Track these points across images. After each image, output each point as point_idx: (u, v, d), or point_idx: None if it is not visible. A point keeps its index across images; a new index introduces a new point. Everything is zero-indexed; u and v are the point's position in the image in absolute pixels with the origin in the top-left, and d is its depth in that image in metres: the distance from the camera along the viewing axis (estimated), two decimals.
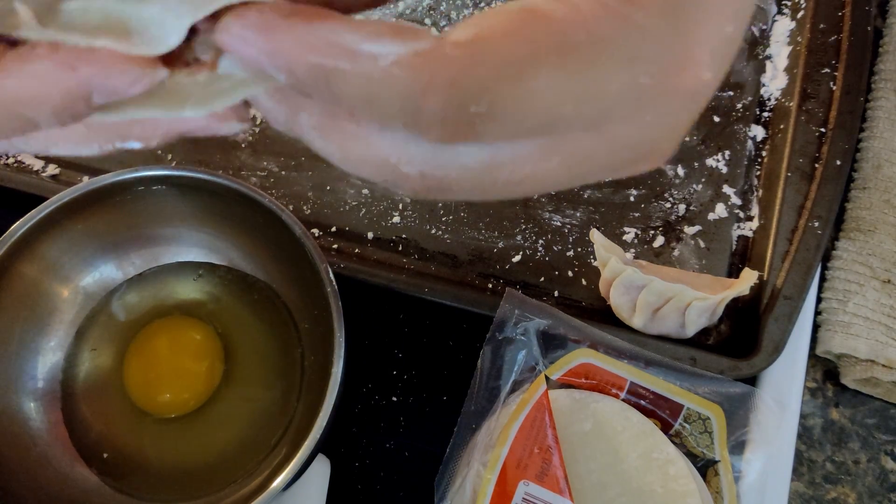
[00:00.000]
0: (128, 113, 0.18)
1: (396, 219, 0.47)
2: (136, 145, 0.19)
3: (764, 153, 0.49)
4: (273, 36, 0.16)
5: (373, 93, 0.17)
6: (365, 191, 0.48)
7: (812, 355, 0.45)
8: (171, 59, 0.18)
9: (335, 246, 0.46)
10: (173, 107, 0.18)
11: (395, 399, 0.44)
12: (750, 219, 0.47)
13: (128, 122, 0.18)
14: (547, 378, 0.39)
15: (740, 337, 0.43)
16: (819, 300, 0.45)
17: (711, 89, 0.19)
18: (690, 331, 0.42)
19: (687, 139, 0.49)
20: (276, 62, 0.17)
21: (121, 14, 0.17)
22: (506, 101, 0.17)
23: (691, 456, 0.39)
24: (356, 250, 0.46)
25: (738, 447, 0.39)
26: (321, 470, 0.40)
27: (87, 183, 0.39)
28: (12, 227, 0.38)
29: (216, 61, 0.18)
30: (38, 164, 0.49)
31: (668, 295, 0.41)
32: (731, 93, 0.50)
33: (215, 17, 0.17)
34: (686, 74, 0.18)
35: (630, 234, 0.47)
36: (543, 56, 0.16)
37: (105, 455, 0.40)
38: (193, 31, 0.18)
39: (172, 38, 0.17)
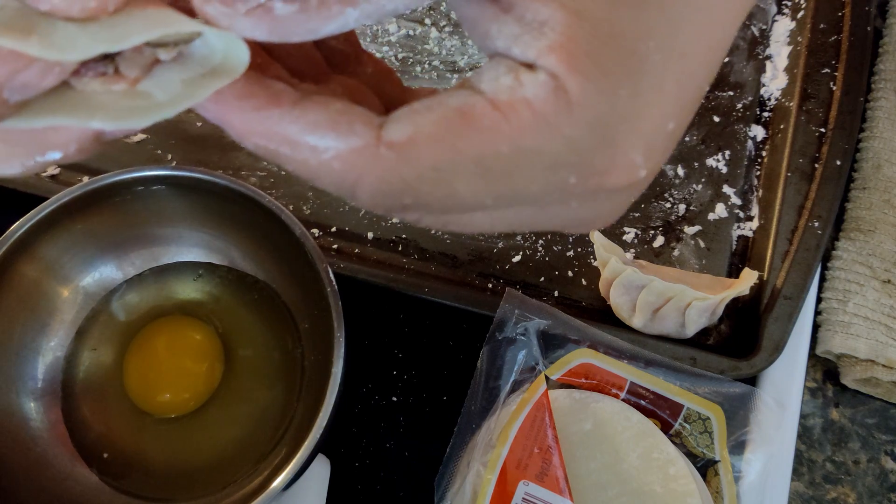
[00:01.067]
0: (40, 118, 0.18)
1: (396, 219, 0.47)
2: (55, 155, 0.19)
3: (764, 153, 0.49)
4: (227, 118, 0.18)
5: (311, 175, 0.19)
6: None
7: (812, 355, 0.45)
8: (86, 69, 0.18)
9: (335, 246, 0.46)
10: (82, 115, 0.18)
11: (395, 399, 0.44)
12: (750, 219, 0.47)
13: (42, 130, 0.18)
14: (547, 378, 0.39)
15: (740, 337, 0.43)
16: (819, 300, 0.45)
17: (648, 181, 0.20)
18: (690, 331, 0.42)
19: (687, 139, 0.49)
20: (228, 132, 0.18)
21: (28, 16, 0.16)
22: (428, 197, 0.19)
23: (691, 456, 0.39)
24: (356, 250, 0.46)
25: (738, 447, 0.39)
26: (321, 470, 0.40)
27: (86, 183, 0.39)
28: (12, 227, 0.38)
29: (139, 79, 0.18)
30: None
31: (669, 295, 0.41)
32: (732, 93, 0.50)
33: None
34: (615, 176, 0.19)
35: (630, 233, 0.47)
36: (464, 164, 0.18)
37: (105, 455, 0.40)
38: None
39: (75, 54, 0.17)
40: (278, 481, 0.34)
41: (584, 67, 0.17)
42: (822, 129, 0.47)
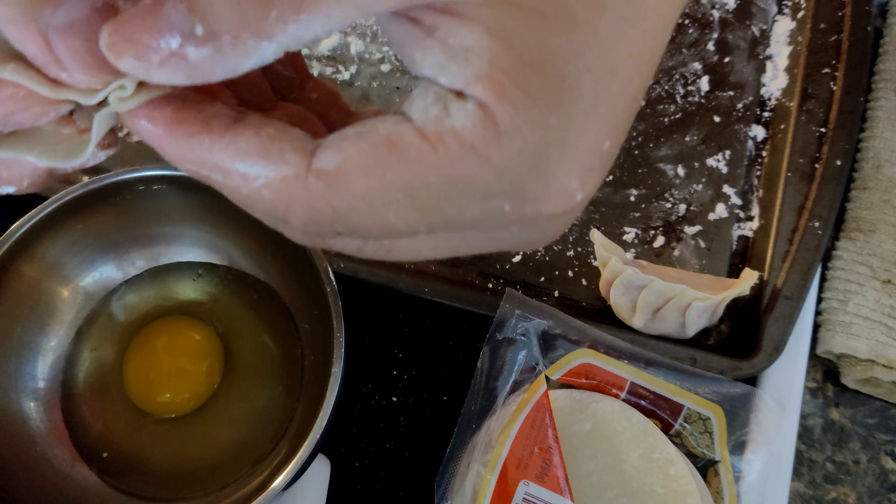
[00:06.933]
0: None
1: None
2: (9, 189, 0.19)
3: (764, 153, 0.49)
4: (157, 141, 0.18)
5: (244, 204, 0.19)
6: None
7: (812, 355, 0.45)
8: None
9: None
10: (22, 148, 0.18)
11: (395, 399, 0.44)
12: (750, 219, 0.47)
13: None
14: (547, 378, 0.39)
15: (741, 337, 0.43)
16: (819, 300, 0.45)
17: (587, 200, 0.19)
18: (691, 331, 0.42)
19: (687, 139, 0.49)
20: (162, 156, 0.19)
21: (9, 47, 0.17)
22: (360, 226, 0.18)
23: (691, 456, 0.39)
24: None
25: (738, 447, 0.39)
26: (321, 470, 0.40)
27: (87, 182, 0.39)
28: (12, 227, 0.38)
29: (87, 130, 0.19)
30: None
31: (669, 295, 0.41)
32: (732, 93, 0.50)
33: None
34: (551, 203, 0.18)
35: (630, 233, 0.47)
36: (392, 194, 0.18)
37: (105, 455, 0.40)
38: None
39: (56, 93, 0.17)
40: (278, 481, 0.34)
41: (513, 97, 0.17)
42: (823, 129, 0.47)
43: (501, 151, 0.17)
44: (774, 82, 0.50)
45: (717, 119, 0.50)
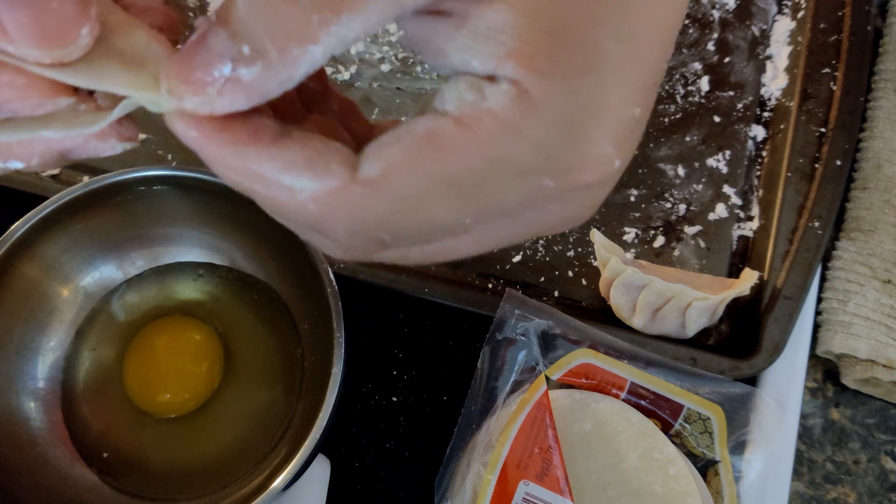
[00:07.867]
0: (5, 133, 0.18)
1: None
2: (17, 165, 0.19)
3: (764, 153, 0.49)
4: (203, 147, 0.18)
5: (284, 214, 0.19)
6: None
7: (812, 355, 0.45)
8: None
9: None
10: (39, 124, 0.18)
11: (395, 399, 0.44)
12: (750, 219, 0.47)
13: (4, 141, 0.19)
14: (547, 378, 0.39)
15: (740, 337, 0.43)
16: (819, 300, 0.45)
17: (621, 171, 0.20)
18: (691, 331, 0.42)
19: (687, 139, 0.49)
20: (203, 160, 0.19)
21: None
22: (406, 228, 0.18)
23: (691, 456, 0.39)
24: None
25: (738, 447, 0.39)
26: (321, 470, 0.40)
27: (87, 182, 0.39)
28: (12, 227, 0.38)
29: (105, 109, 0.19)
30: None
31: (669, 295, 0.41)
32: (732, 93, 0.50)
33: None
34: (590, 170, 0.19)
35: (630, 233, 0.47)
36: (438, 189, 0.18)
37: (105, 455, 0.40)
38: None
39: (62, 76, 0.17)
40: (278, 481, 0.34)
41: (543, 66, 0.17)
42: (823, 129, 0.47)
43: (538, 123, 0.17)
44: (774, 82, 0.50)
45: (717, 119, 0.50)
